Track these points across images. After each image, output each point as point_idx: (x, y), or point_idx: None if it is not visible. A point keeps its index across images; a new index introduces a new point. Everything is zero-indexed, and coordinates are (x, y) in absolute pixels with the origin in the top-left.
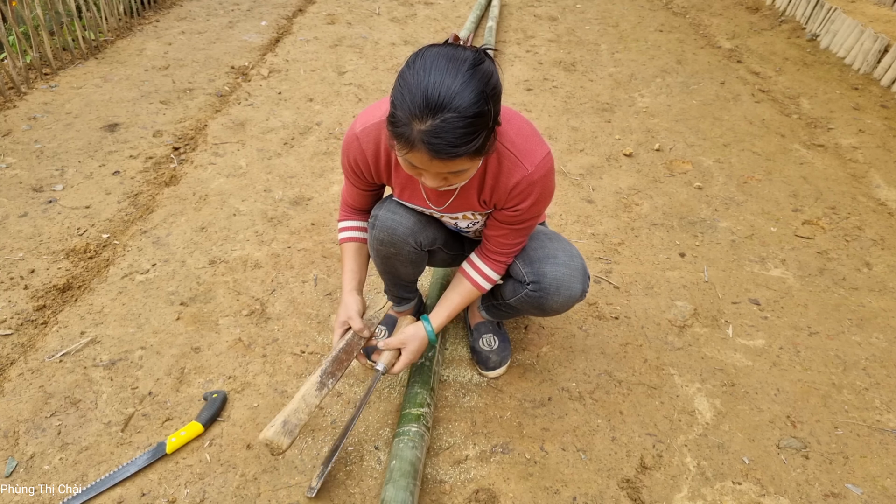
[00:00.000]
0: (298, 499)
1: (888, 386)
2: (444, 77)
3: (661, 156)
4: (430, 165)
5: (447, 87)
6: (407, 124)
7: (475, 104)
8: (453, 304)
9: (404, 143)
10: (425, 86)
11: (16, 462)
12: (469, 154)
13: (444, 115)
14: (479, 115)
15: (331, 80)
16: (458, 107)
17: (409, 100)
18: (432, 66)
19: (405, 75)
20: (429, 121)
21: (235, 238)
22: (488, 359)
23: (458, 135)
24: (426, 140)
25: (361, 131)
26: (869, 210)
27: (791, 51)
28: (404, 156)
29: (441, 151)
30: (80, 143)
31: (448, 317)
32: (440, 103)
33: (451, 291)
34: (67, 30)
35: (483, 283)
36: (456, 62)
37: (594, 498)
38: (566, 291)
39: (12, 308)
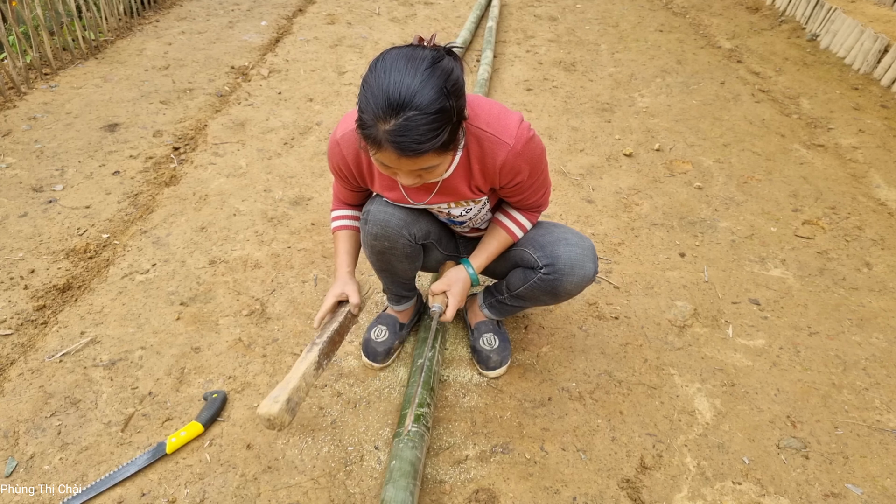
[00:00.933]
0: (298, 498)
1: (888, 386)
2: (404, 77)
3: (661, 156)
4: (400, 164)
5: (407, 87)
6: (373, 126)
7: (436, 101)
8: (490, 249)
9: (372, 143)
10: (386, 87)
11: (16, 462)
12: (435, 150)
13: (407, 113)
14: (441, 111)
15: (331, 80)
16: (419, 104)
17: (372, 102)
18: (392, 67)
19: (368, 79)
20: (392, 120)
21: (235, 238)
22: (489, 358)
23: (422, 132)
24: (392, 140)
25: (342, 137)
26: (869, 210)
27: (791, 51)
28: (374, 156)
29: (407, 149)
30: (80, 143)
31: (487, 259)
32: (401, 102)
33: (488, 237)
34: (67, 30)
35: (516, 230)
36: (415, 61)
37: (594, 498)
38: (580, 271)
39: (12, 308)
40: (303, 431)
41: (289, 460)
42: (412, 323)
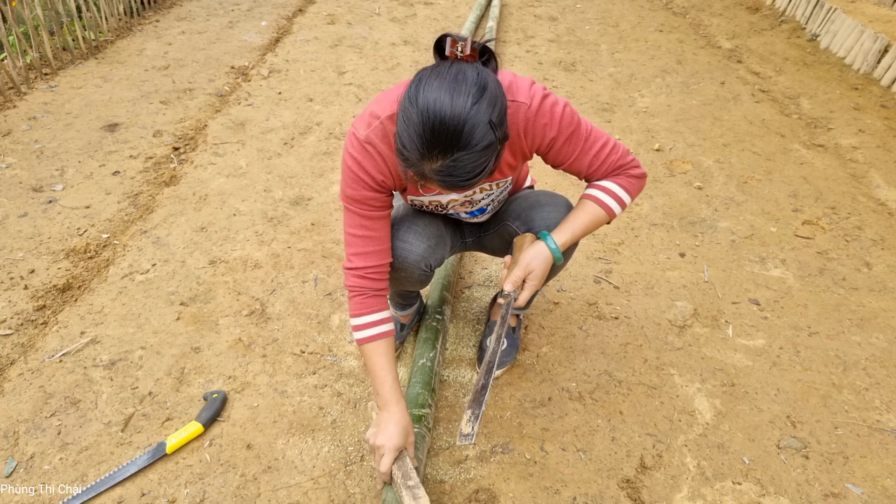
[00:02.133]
0: (298, 498)
1: (888, 386)
2: (450, 114)
3: (661, 156)
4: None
5: (454, 128)
6: (418, 164)
7: (485, 137)
8: (578, 224)
9: (418, 176)
10: (431, 125)
11: (16, 462)
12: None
13: (455, 154)
14: (489, 147)
15: (331, 80)
16: (466, 144)
17: (417, 140)
18: (435, 101)
19: (408, 111)
20: (439, 161)
21: (235, 238)
22: None
23: (470, 169)
24: (439, 178)
25: (367, 137)
26: (869, 210)
27: (791, 51)
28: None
29: (455, 186)
30: (80, 143)
31: (573, 236)
32: (449, 144)
33: (578, 210)
34: (67, 30)
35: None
36: (460, 92)
37: (594, 498)
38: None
39: (12, 308)
40: (303, 431)
41: (289, 460)
42: (412, 323)
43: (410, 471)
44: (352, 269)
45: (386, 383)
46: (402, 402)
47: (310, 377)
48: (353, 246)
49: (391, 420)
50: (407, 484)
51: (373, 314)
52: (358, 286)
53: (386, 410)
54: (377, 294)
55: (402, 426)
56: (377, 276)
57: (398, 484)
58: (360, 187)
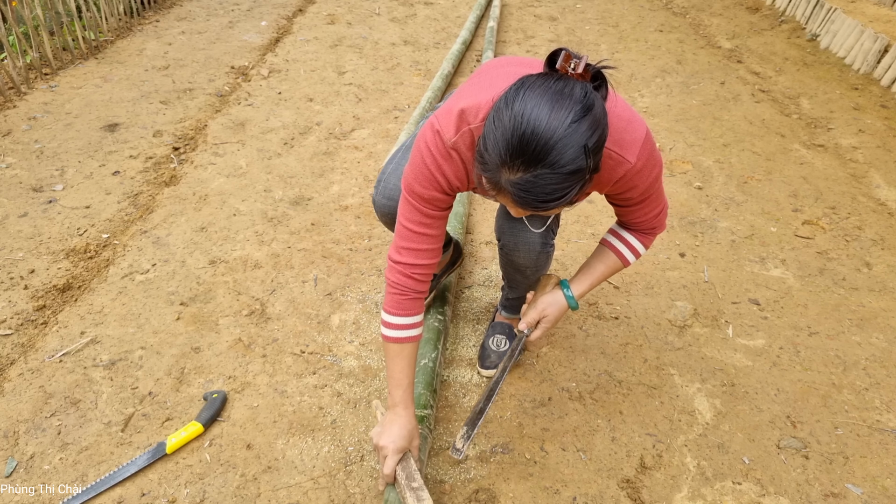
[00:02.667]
0: (298, 498)
1: (888, 386)
2: (545, 127)
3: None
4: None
5: (546, 140)
6: (496, 170)
7: (574, 161)
8: (597, 273)
9: (492, 184)
10: (521, 133)
11: (16, 462)
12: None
13: (538, 170)
14: (576, 172)
15: (331, 80)
16: (553, 163)
17: (501, 145)
18: (534, 109)
19: (501, 112)
20: (519, 173)
21: (235, 238)
22: (488, 357)
23: (550, 191)
24: (514, 193)
25: (456, 144)
26: (869, 210)
27: (791, 51)
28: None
29: (529, 205)
30: (80, 143)
31: (591, 286)
32: (535, 157)
33: (595, 260)
34: (67, 30)
35: (629, 255)
36: (562, 107)
37: (594, 498)
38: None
39: (12, 308)
40: (303, 431)
41: (289, 460)
42: (444, 272)
43: (415, 472)
44: (398, 264)
45: (401, 387)
46: (411, 407)
47: (310, 377)
48: (407, 239)
49: (397, 422)
50: (411, 486)
51: (407, 317)
52: (400, 284)
53: (393, 412)
54: (417, 297)
55: (408, 429)
56: (421, 278)
57: (402, 485)
58: (433, 188)
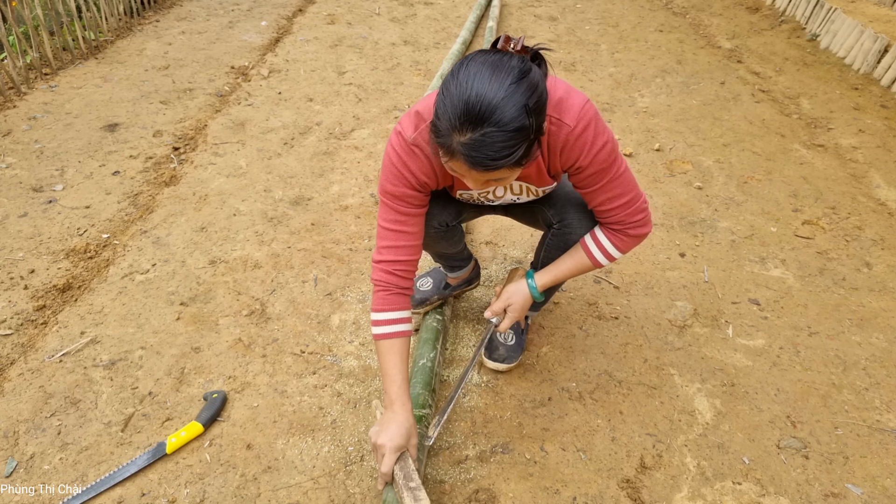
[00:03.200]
0: (298, 498)
1: (888, 386)
2: (487, 89)
3: (661, 156)
4: (470, 174)
5: (488, 101)
6: (447, 135)
7: (516, 119)
8: (562, 268)
9: (445, 151)
10: (467, 97)
11: (16, 462)
12: (508, 166)
13: (484, 129)
14: (519, 130)
15: (331, 80)
16: (498, 121)
17: (450, 111)
18: (476, 76)
19: (449, 85)
20: (468, 134)
21: (235, 238)
22: (496, 349)
23: (497, 149)
24: (465, 153)
25: (416, 139)
26: (869, 210)
27: (791, 51)
28: (446, 163)
29: (479, 164)
30: (80, 143)
31: (554, 279)
32: (480, 117)
33: (566, 255)
34: (67, 30)
35: (600, 257)
36: (500, 73)
37: (594, 498)
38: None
39: (12, 308)
40: (303, 431)
41: (289, 460)
42: (461, 286)
43: (412, 472)
44: (380, 263)
45: (395, 383)
46: (407, 403)
47: (310, 377)
48: (386, 238)
49: (394, 420)
50: (409, 485)
51: (393, 312)
52: (384, 281)
53: (390, 410)
54: (401, 293)
55: (406, 427)
56: (404, 274)
57: (400, 485)
58: (402, 185)
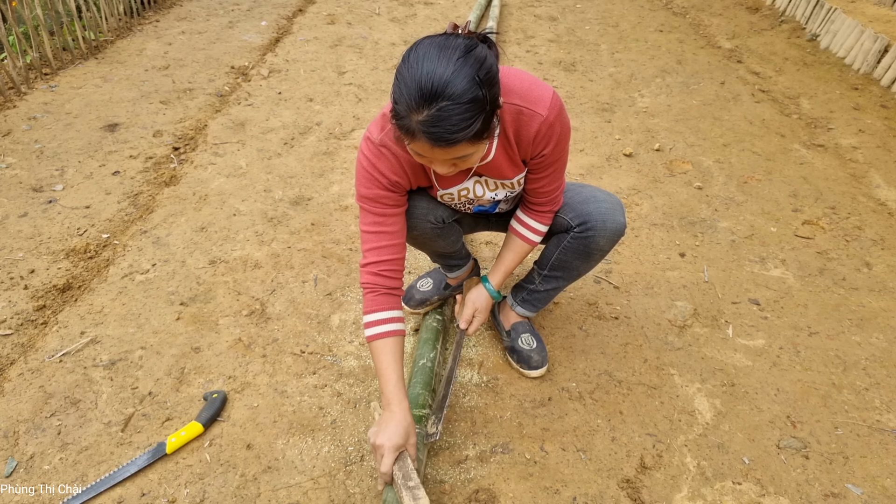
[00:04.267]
0: (298, 498)
1: (888, 386)
2: (436, 66)
3: (661, 156)
4: (434, 153)
5: (439, 77)
6: (406, 116)
7: (469, 90)
8: (507, 262)
9: (406, 133)
10: (419, 77)
11: (16, 462)
12: (469, 139)
13: (439, 103)
14: (473, 101)
15: (331, 80)
16: (451, 94)
17: (405, 92)
18: (424, 57)
19: (401, 70)
20: (425, 111)
21: (235, 238)
22: (530, 357)
23: (455, 122)
24: (425, 130)
25: (382, 140)
26: (869, 210)
27: (791, 51)
28: (409, 146)
29: (440, 139)
30: (80, 143)
31: (505, 274)
32: (434, 93)
33: (505, 250)
34: (67, 30)
35: (532, 236)
36: (447, 50)
37: (594, 498)
38: (612, 225)
39: (12, 308)
40: (303, 431)
41: (289, 460)
42: (461, 286)
43: (411, 471)
44: (366, 266)
45: (390, 382)
46: (405, 402)
47: (310, 377)
48: (368, 242)
49: (392, 420)
50: (407, 485)
51: (383, 312)
52: (371, 283)
53: (388, 410)
54: (390, 293)
55: (404, 426)
56: (391, 274)
57: (399, 484)
58: (374, 186)
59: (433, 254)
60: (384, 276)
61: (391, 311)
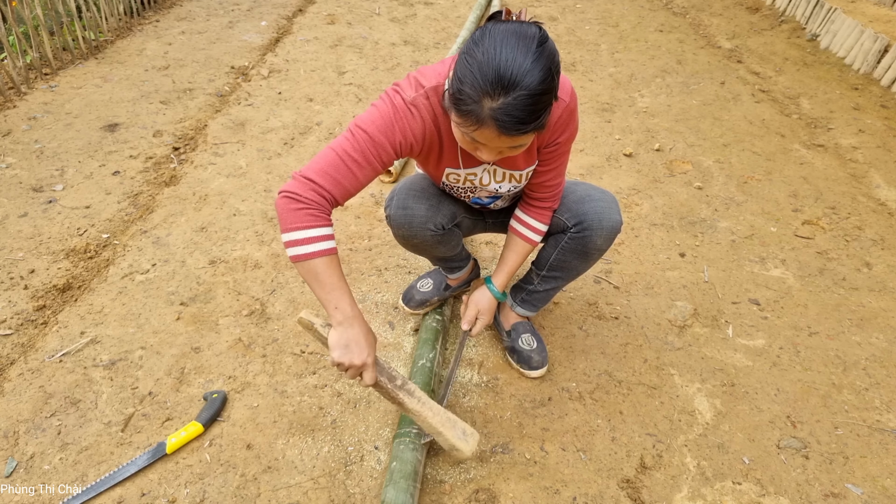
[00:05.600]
0: (298, 498)
1: (888, 386)
2: (516, 55)
3: (661, 156)
4: (496, 141)
5: (519, 65)
6: (476, 101)
7: (544, 81)
8: (510, 263)
9: (473, 120)
10: (497, 63)
11: (16, 462)
12: (535, 130)
13: (516, 92)
14: (546, 93)
15: (331, 80)
16: (529, 84)
17: (479, 77)
18: (503, 44)
19: (473, 52)
20: (500, 98)
21: (235, 238)
22: (531, 358)
23: (528, 112)
24: (497, 117)
25: (414, 101)
26: (869, 210)
27: (791, 51)
28: (471, 132)
29: (510, 129)
30: (80, 143)
31: (508, 275)
32: (513, 81)
33: (507, 251)
34: (67, 30)
35: (533, 236)
36: (525, 40)
37: (594, 498)
38: (608, 223)
39: (12, 308)
40: (303, 431)
41: (289, 460)
42: (461, 287)
43: (392, 371)
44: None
45: (345, 297)
46: (361, 314)
47: (310, 377)
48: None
49: (360, 335)
50: (397, 384)
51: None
52: (312, 200)
53: (352, 327)
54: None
55: (371, 338)
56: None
57: (388, 388)
58: (384, 135)
59: (433, 258)
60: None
61: (328, 226)
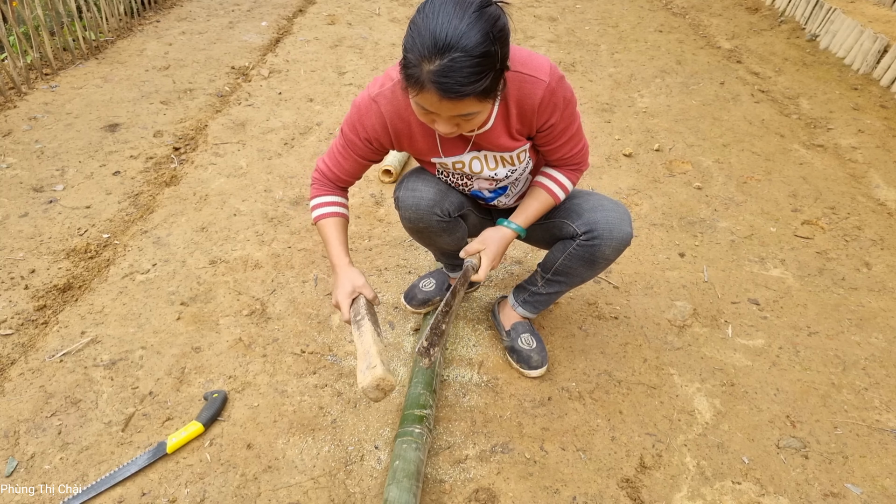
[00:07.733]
0: (299, 498)
1: (888, 386)
2: (452, 19)
3: (660, 156)
4: (440, 107)
5: (454, 28)
6: (417, 65)
7: (481, 44)
8: (531, 210)
9: (415, 84)
10: (433, 27)
11: (16, 462)
12: (476, 94)
13: (452, 54)
14: (485, 55)
15: (331, 80)
16: (464, 46)
17: (418, 42)
18: (440, 9)
19: (415, 20)
20: (437, 61)
21: (236, 238)
22: (530, 357)
23: (466, 74)
24: (435, 80)
25: (378, 94)
26: (869, 210)
27: (791, 51)
28: (415, 98)
29: (449, 90)
30: (81, 143)
31: (526, 219)
32: (447, 43)
33: (529, 198)
34: (68, 30)
35: (556, 189)
36: (463, 5)
37: (594, 498)
38: (618, 234)
39: (13, 308)
40: (303, 431)
41: (289, 460)
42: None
43: (361, 307)
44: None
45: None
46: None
47: (310, 377)
48: (331, 159)
49: (338, 278)
50: (355, 319)
51: (329, 196)
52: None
53: (335, 273)
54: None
55: (348, 277)
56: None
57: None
58: (353, 132)
59: (438, 251)
60: (338, 184)
61: (337, 196)
